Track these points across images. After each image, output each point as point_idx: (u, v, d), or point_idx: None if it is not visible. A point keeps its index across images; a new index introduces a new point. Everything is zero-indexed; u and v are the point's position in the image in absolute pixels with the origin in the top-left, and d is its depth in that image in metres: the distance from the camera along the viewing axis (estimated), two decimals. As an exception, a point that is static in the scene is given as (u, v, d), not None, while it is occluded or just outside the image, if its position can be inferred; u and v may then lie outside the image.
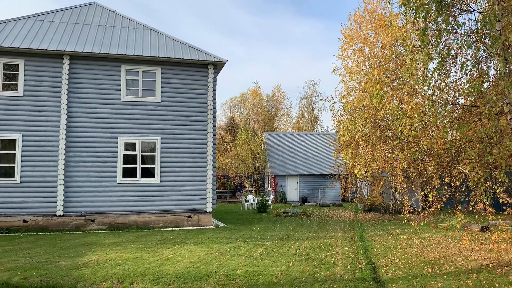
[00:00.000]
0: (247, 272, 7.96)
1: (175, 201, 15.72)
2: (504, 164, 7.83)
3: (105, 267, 8.36)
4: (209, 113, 16.32)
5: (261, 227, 15.62)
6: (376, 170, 16.10)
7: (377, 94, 9.56)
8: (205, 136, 16.19)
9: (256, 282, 7.37)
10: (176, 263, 8.78)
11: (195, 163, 16.01)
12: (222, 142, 47.54)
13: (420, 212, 10.14)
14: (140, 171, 15.59)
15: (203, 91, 16.40)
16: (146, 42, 16.61)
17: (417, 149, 9.73)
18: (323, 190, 32.27)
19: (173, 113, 16.02)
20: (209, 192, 15.97)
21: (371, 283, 7.36)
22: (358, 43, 22.04)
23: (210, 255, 9.69)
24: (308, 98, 57.86)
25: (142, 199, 15.47)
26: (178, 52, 16.32)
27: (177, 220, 15.64)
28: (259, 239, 12.22)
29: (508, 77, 7.10)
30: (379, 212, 21.27)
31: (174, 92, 16.13)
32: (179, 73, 16.26)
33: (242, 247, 10.74)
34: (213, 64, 16.47)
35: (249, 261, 8.97)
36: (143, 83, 15.94)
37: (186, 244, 11.35)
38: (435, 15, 7.76)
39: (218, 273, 7.93)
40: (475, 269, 8.24)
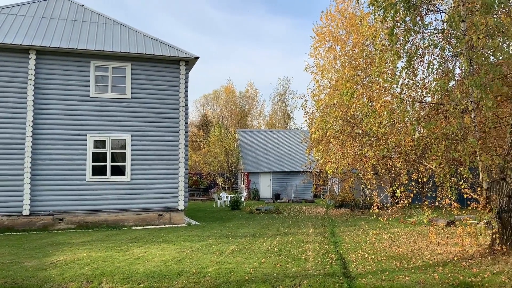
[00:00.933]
0: (218, 270, 7.95)
1: (146, 199, 15.53)
2: (468, 161, 8.08)
3: (74, 267, 8.19)
4: (181, 110, 16.17)
5: (233, 224, 15.62)
6: (346, 166, 16.36)
7: (347, 92, 9.70)
8: (177, 133, 16.05)
9: (228, 279, 7.37)
10: (147, 262, 8.68)
11: (166, 161, 15.85)
12: (194, 140, 47.21)
13: (389, 207, 10.37)
14: (110, 169, 15.31)
15: (175, 87, 16.23)
16: (116, 38, 16.30)
17: (386, 146, 9.95)
18: (296, 187, 32.55)
19: (144, 110, 15.80)
20: (181, 190, 15.85)
21: (341, 278, 7.48)
22: (329, 42, 22.27)
23: (182, 253, 9.62)
24: (281, 95, 58.18)
25: (112, 197, 15.20)
26: (149, 48, 16.09)
27: (149, 218, 15.46)
28: (231, 237, 12.22)
29: (472, 76, 7.33)
30: (349, 208, 21.63)
31: (145, 89, 15.90)
32: (150, 69, 16.04)
33: (214, 245, 10.72)
34: (185, 60, 16.32)
35: (221, 259, 8.96)
36: (113, 79, 15.65)
37: (157, 242, 11.24)
38: (403, 15, 7.94)
39: (190, 271, 7.88)
40: (441, 263, 8.48)
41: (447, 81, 7.98)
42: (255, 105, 59.43)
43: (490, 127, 9.21)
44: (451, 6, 9.15)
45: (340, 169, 16.22)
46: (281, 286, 6.98)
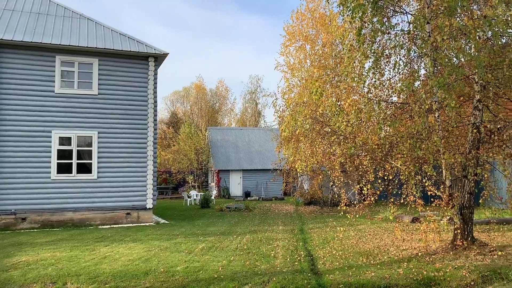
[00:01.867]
0: (187, 268, 7.90)
1: (114, 198, 15.23)
2: (432, 159, 8.32)
3: (37, 268, 7.95)
4: (149, 107, 15.93)
5: (203, 222, 15.54)
6: (315, 164, 16.56)
7: (316, 91, 9.81)
8: (145, 130, 15.80)
9: (197, 277, 7.33)
10: (114, 261, 8.52)
11: (134, 158, 15.58)
12: (164, 137, 46.64)
13: (356, 204, 10.56)
14: (76, 166, 14.93)
15: (143, 84, 15.97)
16: (82, 32, 15.88)
17: (353, 145, 10.12)
18: (266, 185, 32.68)
19: (111, 107, 15.48)
20: (149, 188, 15.63)
21: (309, 274, 7.57)
22: (299, 41, 22.42)
23: (150, 252, 9.50)
24: (252, 93, 58.25)
25: (78, 195, 14.83)
26: (117, 43, 15.76)
27: (116, 217, 15.18)
28: (200, 235, 12.15)
29: (436, 76, 7.55)
30: (318, 205, 21.89)
31: (112, 85, 15.58)
32: (118, 65, 15.72)
33: (183, 243, 10.64)
34: (154, 56, 16.08)
35: (190, 257, 8.90)
36: (79, 75, 15.25)
37: (125, 241, 11.05)
38: (371, 16, 8.08)
39: (158, 270, 7.80)
40: (405, 258, 8.71)
41: (412, 81, 8.18)
42: (226, 102, 59.33)
43: (453, 127, 9.52)
44: (417, 8, 9.39)
45: (309, 167, 16.40)
46: (250, 284, 7.00)
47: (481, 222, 13.20)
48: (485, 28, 7.55)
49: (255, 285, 6.97)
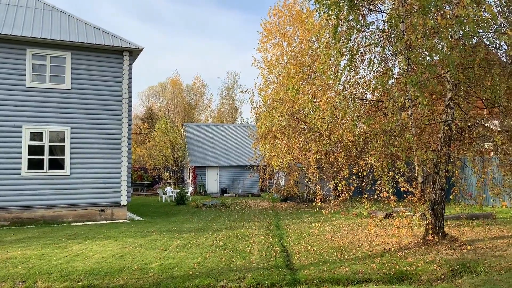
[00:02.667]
0: (162, 265, 7.83)
1: (87, 194, 14.94)
2: (405, 155, 8.49)
3: (6, 266, 7.73)
4: (124, 102, 15.67)
5: (179, 219, 15.43)
6: (291, 161, 16.64)
7: (292, 88, 9.84)
8: (119, 126, 15.54)
9: (172, 274, 7.28)
10: (87, 259, 8.37)
11: (108, 154, 15.31)
12: (139, 133, 45.99)
13: (331, 200, 10.68)
14: (48, 162, 14.57)
15: (118, 78, 15.70)
16: (55, 25, 15.47)
17: (329, 141, 10.22)
18: (243, 181, 32.68)
19: (85, 101, 15.16)
20: (123, 184, 15.40)
21: (284, 270, 7.62)
22: (277, 37, 22.47)
23: (124, 249, 9.37)
24: (229, 89, 58.04)
25: (50, 192, 14.49)
26: (91, 37, 15.43)
27: (89, 214, 14.90)
28: (176, 232, 12.06)
29: (409, 74, 7.69)
30: (294, 201, 22.05)
31: (86, 79, 15.25)
32: (91, 59, 15.39)
33: (158, 240, 10.53)
34: (128, 51, 15.82)
35: (165, 254, 8.83)
36: (52, 69, 14.87)
37: (98, 238, 10.87)
38: (346, 14, 8.16)
39: (132, 267, 7.70)
40: (379, 253, 8.87)
41: (386, 79, 8.31)
42: (203, 98, 58.92)
43: (426, 124, 9.73)
44: (391, 6, 9.53)
45: (286, 163, 16.47)
46: (225, 280, 7.00)
47: (452, 218, 13.56)
48: (457, 28, 7.73)
49: (230, 281, 6.97)
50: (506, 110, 9.17)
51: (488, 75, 8.47)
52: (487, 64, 8.64)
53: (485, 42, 9.16)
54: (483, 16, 7.78)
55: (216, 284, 6.84)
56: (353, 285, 6.87)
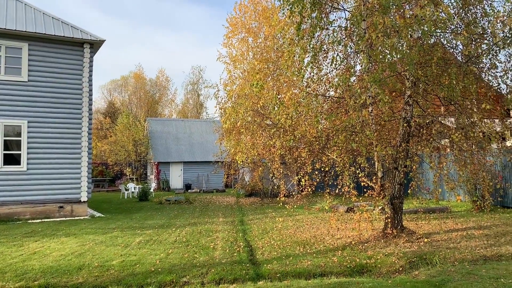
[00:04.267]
0: (123, 262, 7.69)
1: (45, 191, 14.43)
2: (365, 151, 8.70)
3: (-44, 267, 7.37)
4: (84, 96, 15.20)
5: (141, 215, 15.18)
6: (256, 156, 16.71)
7: (257, 84, 9.87)
8: (79, 120, 15.08)
9: (133, 271, 7.16)
10: (44, 257, 8.10)
11: (67, 149, 14.84)
12: (100, 128, 44.82)
13: (295, 195, 10.80)
14: (3, 157, 13.96)
15: (78, 71, 15.21)
16: (10, 14, 14.79)
17: (292, 137, 10.32)
18: (207, 177, 32.51)
19: (43, 94, 14.60)
20: (83, 180, 14.97)
21: (247, 265, 7.65)
22: (242, 33, 22.40)
23: (84, 246, 9.13)
24: (194, 84, 57.48)
25: (5, 188, 13.89)
26: (49, 27, 14.86)
27: (48, 211, 14.41)
28: (138, 228, 11.87)
29: (371, 72, 7.86)
30: (259, 197, 22.15)
31: (44, 71, 14.68)
32: (50, 51, 14.83)
33: (120, 237, 10.33)
34: (89, 43, 15.35)
35: (126, 251, 8.67)
36: (7, 60, 14.22)
37: (57, 236, 10.54)
38: (310, 11, 8.24)
39: (92, 264, 7.52)
40: (340, 247, 9.06)
41: (348, 76, 8.46)
42: (167, 93, 58.06)
43: (385, 121, 10.00)
44: (354, 5, 9.69)
45: (250, 159, 16.53)
46: (188, 276, 6.96)
47: (410, 212, 14.03)
48: (416, 27, 7.96)
49: (193, 277, 6.94)
50: (461, 108, 9.55)
51: (445, 74, 8.79)
52: (444, 63, 8.97)
53: (442, 42, 9.49)
54: (440, 17, 8.06)
55: (178, 280, 6.79)
56: (315, 279, 6.98)
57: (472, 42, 8.82)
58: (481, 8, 9.06)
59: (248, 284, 6.63)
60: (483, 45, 9.08)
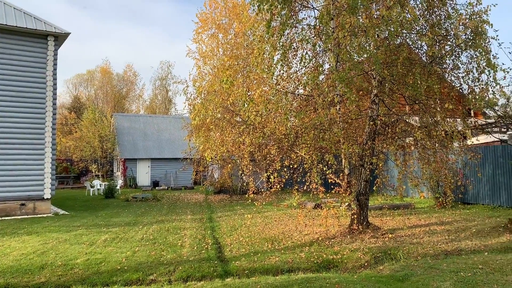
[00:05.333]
0: (88, 261, 7.52)
1: (5, 188, 13.91)
2: (333, 148, 8.82)
3: None
4: (48, 90, 14.72)
5: (107, 213, 14.87)
6: (225, 153, 16.65)
7: (226, 80, 9.84)
8: (43, 115, 14.60)
9: (98, 270, 7.02)
10: (4, 256, 7.83)
11: (30, 145, 14.34)
12: (65, 123, 43.53)
13: (264, 192, 10.84)
14: (-40, 153, 13.36)
15: (42, 64, 14.71)
16: (-32, 3, 14.14)
17: (262, 134, 10.35)
18: (176, 174, 32.15)
19: (4, 88, 14.05)
20: (47, 177, 14.52)
21: (215, 262, 7.64)
22: (212, 29, 22.23)
23: (46, 245, 8.87)
24: (163, 80, 56.65)
25: (-38, 186, 13.31)
26: (11, 18, 14.29)
27: (8, 208, 13.90)
28: (104, 226, 11.62)
29: (338, 71, 7.97)
30: (228, 194, 22.11)
31: (5, 64, 14.12)
32: (11, 43, 14.27)
33: (84, 235, 10.09)
34: (54, 35, 14.87)
35: (91, 249, 8.48)
36: (-36, 51, 13.60)
37: (18, 234, 10.19)
38: (280, 9, 8.26)
39: (55, 263, 7.32)
40: (307, 243, 9.18)
41: (317, 74, 8.54)
42: (134, 88, 56.99)
43: (353, 119, 10.17)
44: (323, 4, 9.79)
45: (219, 156, 16.45)
46: (155, 274, 6.88)
47: (375, 208, 14.36)
48: (383, 27, 8.12)
49: (160, 275, 6.86)
50: (425, 107, 9.83)
51: (410, 74, 9.02)
52: (410, 63, 9.20)
53: (408, 42, 9.73)
54: (406, 18, 8.25)
55: (145, 279, 6.70)
56: (283, 275, 7.04)
57: (436, 43, 9.07)
58: (445, 11, 9.33)
59: (216, 281, 6.61)
60: (447, 46, 9.35)
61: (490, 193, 14.28)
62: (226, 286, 6.12)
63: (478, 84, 9.18)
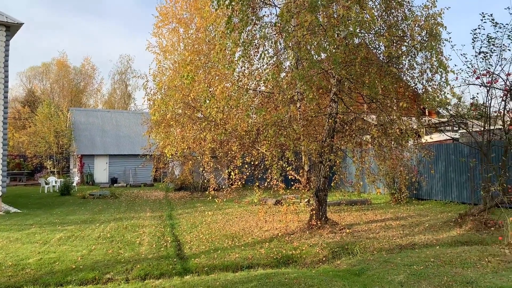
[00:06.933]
0: (41, 260, 7.26)
1: (-49, 185, 13.18)
2: (293, 145, 8.92)
3: None
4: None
5: (62, 211, 14.38)
6: (186, 150, 16.49)
7: (187, 75, 9.74)
8: (-7, 109, 13.92)
9: (51, 269, 6.79)
10: (-51, 258, 7.41)
11: (-21, 140, 13.65)
12: (18, 117, 41.61)
13: (225, 189, 10.83)
14: None
15: (-8, 56, 14.00)
16: None
17: (223, 131, 10.32)
18: (135, 171, 31.50)
19: (-51, 80, 13.28)
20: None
21: (175, 259, 7.56)
22: (173, 23, 21.89)
23: (-4, 245, 8.48)
24: (122, 74, 55.31)
25: None
26: (-43, 5, 13.49)
27: (-46, 207, 13.17)
28: (59, 224, 11.24)
29: (298, 69, 8.06)
30: (189, 191, 21.91)
31: (-50, 54, 13.35)
32: (-42, 32, 13.50)
33: (38, 234, 9.72)
34: (5, 25, 14.17)
35: (45, 248, 8.19)
36: None
37: (-35, 234, 9.68)
38: (241, 5, 8.24)
39: (5, 263, 7.01)
40: (267, 239, 9.25)
41: (277, 72, 8.62)
42: (92, 82, 55.27)
43: (312, 116, 10.33)
44: (284, 1, 9.86)
45: (180, 152, 16.26)
46: (112, 273, 6.73)
47: (334, 204, 14.66)
48: (342, 27, 8.27)
49: (117, 273, 6.72)
50: (382, 106, 10.12)
51: (367, 73, 9.25)
52: (367, 63, 9.43)
53: (366, 42, 9.97)
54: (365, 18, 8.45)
55: (101, 277, 6.55)
56: (242, 271, 7.07)
57: (393, 44, 9.34)
58: (402, 12, 9.62)
59: (174, 279, 6.55)
60: (403, 47, 9.65)
61: (442, 189, 14.90)
62: (185, 284, 6.07)
63: (431, 84, 9.55)
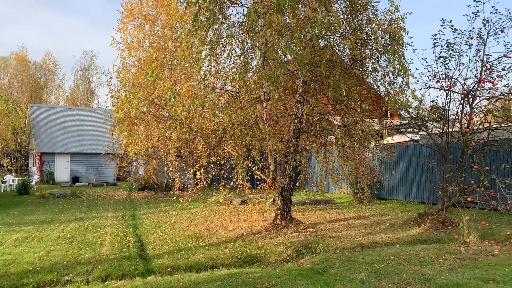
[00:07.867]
0: (-5, 263, 6.95)
1: None
2: (259, 145, 8.94)
3: None
4: (-49, 76, 13.33)
5: (20, 210, 13.83)
6: (150, 148, 16.23)
7: (152, 73, 9.58)
8: None
9: (7, 272, 6.52)
10: None
11: None
12: (-28, 113, 39.76)
13: (190, 189, 10.74)
14: None
15: None
16: None
17: (189, 130, 10.22)
18: (97, 169, 30.72)
19: None
20: (-51, 171, 13.17)
21: (137, 260, 7.43)
22: (138, 19, 21.46)
23: None
24: (85, 70, 53.82)
25: None
26: None
27: None
28: (15, 224, 10.82)
29: (264, 69, 8.09)
30: (153, 190, 21.55)
31: None
32: None
33: (-8, 235, 9.32)
34: (-42, 16, 13.48)
35: (0, 250, 7.84)
36: None
37: None
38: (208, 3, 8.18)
39: (-45, 267, 6.67)
40: (232, 239, 9.24)
41: (244, 71, 8.60)
42: (54, 78, 53.43)
43: (278, 116, 10.40)
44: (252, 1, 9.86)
45: (144, 151, 15.99)
46: (71, 274, 6.54)
47: (298, 203, 14.82)
48: (308, 29, 8.36)
49: (77, 275, 6.54)
50: (346, 107, 10.31)
51: (332, 75, 9.39)
52: (332, 65, 9.58)
53: (331, 45, 10.12)
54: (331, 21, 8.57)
55: (60, 279, 6.35)
56: (206, 271, 7.03)
57: (357, 47, 9.53)
58: (366, 16, 9.82)
59: (137, 280, 6.43)
60: (367, 50, 9.86)
61: (403, 189, 15.35)
62: (147, 285, 5.97)
63: (393, 87, 9.81)
